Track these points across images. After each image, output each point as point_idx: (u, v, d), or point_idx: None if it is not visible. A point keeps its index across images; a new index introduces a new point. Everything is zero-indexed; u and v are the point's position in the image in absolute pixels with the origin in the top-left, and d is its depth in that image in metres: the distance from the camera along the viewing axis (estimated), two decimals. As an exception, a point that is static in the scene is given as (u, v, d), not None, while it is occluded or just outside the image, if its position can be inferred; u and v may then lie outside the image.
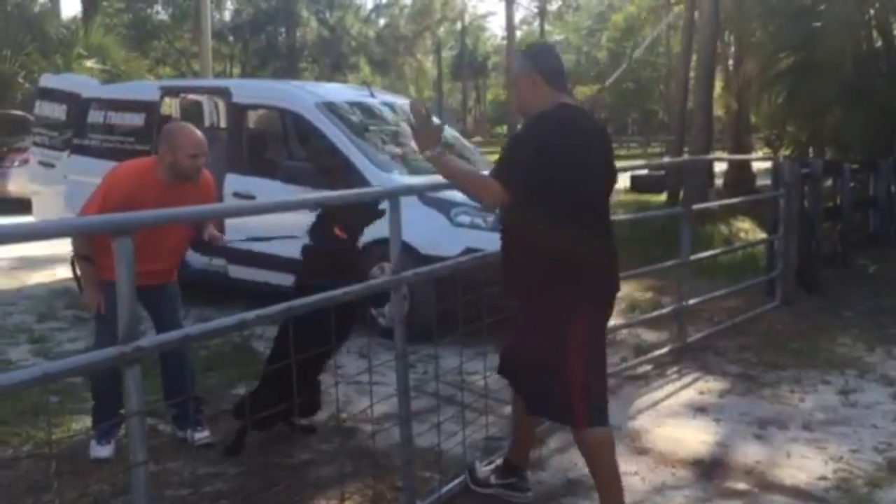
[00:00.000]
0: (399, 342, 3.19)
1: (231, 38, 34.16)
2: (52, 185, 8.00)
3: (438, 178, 6.45)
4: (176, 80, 14.54)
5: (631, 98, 51.25)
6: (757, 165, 18.11)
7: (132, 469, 2.18)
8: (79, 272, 4.04)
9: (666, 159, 21.80)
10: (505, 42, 38.27)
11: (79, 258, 3.94)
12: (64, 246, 8.53)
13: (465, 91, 57.13)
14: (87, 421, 4.39)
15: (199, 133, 3.96)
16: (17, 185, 15.29)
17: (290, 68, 31.62)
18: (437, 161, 3.04)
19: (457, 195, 5.96)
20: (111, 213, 3.55)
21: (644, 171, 18.77)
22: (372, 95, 7.45)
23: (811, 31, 12.08)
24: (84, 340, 5.95)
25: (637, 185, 19.13)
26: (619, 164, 3.32)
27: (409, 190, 3.68)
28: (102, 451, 3.95)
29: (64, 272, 8.62)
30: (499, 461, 3.62)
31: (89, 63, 17.65)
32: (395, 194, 3.12)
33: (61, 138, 8.02)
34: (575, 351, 2.97)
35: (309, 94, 6.92)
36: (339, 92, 7.61)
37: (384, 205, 3.46)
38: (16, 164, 15.59)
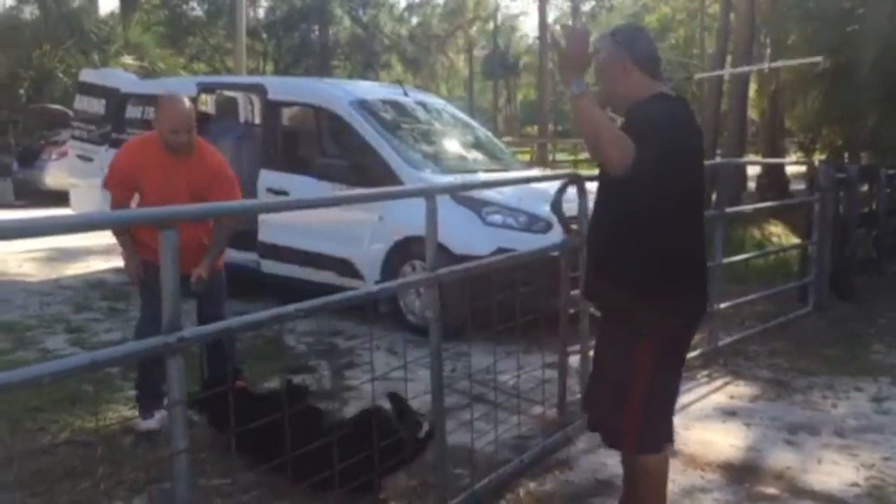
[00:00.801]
0: (434, 339, 3.22)
1: (265, 36, 34.38)
2: (90, 179, 8.13)
3: (472, 178, 6.49)
4: (212, 76, 14.69)
5: (663, 100, 50.98)
6: (790, 169, 17.93)
7: (174, 456, 2.23)
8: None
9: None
10: (537, 41, 38.15)
11: (115, 232, 4.17)
12: (99, 238, 8.76)
13: (496, 90, 57.02)
14: (123, 410, 4.49)
15: (183, 108, 4.02)
16: (53, 178, 15.53)
17: (322, 66, 31.78)
18: (579, 97, 2.61)
19: (489, 195, 6.01)
20: (119, 182, 4.12)
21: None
22: (405, 94, 7.51)
23: (848, 35, 11.94)
24: (119, 331, 6.06)
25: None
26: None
27: (445, 189, 3.69)
28: (150, 423, 4.17)
29: (98, 264, 8.81)
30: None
31: (127, 60, 17.94)
32: (431, 193, 3.14)
33: (99, 132, 8.16)
34: (640, 375, 2.76)
35: (343, 92, 6.98)
36: (373, 90, 7.67)
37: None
38: (53, 157, 15.82)
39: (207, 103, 8.47)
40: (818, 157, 15.03)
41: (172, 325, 2.20)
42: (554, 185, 4.27)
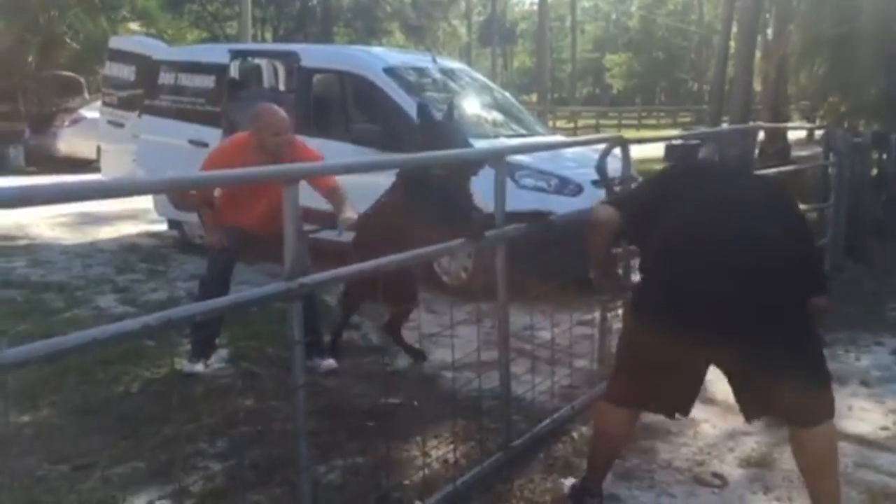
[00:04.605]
0: (501, 293, 3.44)
1: (264, 1, 34.09)
2: (121, 144, 8.31)
3: (510, 142, 6.66)
4: (245, 44, 15.02)
5: (660, 67, 50.97)
6: (791, 136, 18.09)
7: (294, 390, 2.46)
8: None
9: (701, 129, 21.80)
10: (535, 7, 38.04)
11: (204, 205, 4.58)
12: (125, 203, 8.95)
13: (493, 57, 56.77)
14: (186, 363, 4.72)
15: (282, 113, 4.49)
16: (67, 144, 15.61)
17: (323, 33, 31.57)
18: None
19: (521, 158, 6.19)
20: None
21: (678, 141, 18.85)
22: (434, 61, 7.67)
23: (855, 1, 12.09)
24: (164, 290, 6.27)
25: (671, 154, 19.32)
26: (652, 133, 3.26)
27: (513, 150, 3.91)
28: (195, 367, 4.57)
29: (127, 228, 9.01)
30: None
31: (134, 25, 17.93)
32: (500, 154, 3.35)
33: (130, 99, 8.30)
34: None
35: (376, 59, 7.15)
36: (403, 57, 7.83)
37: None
38: (66, 124, 15.84)
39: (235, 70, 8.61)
40: (819, 124, 15.24)
41: (294, 273, 2.41)
42: (578, 150, 4.44)
